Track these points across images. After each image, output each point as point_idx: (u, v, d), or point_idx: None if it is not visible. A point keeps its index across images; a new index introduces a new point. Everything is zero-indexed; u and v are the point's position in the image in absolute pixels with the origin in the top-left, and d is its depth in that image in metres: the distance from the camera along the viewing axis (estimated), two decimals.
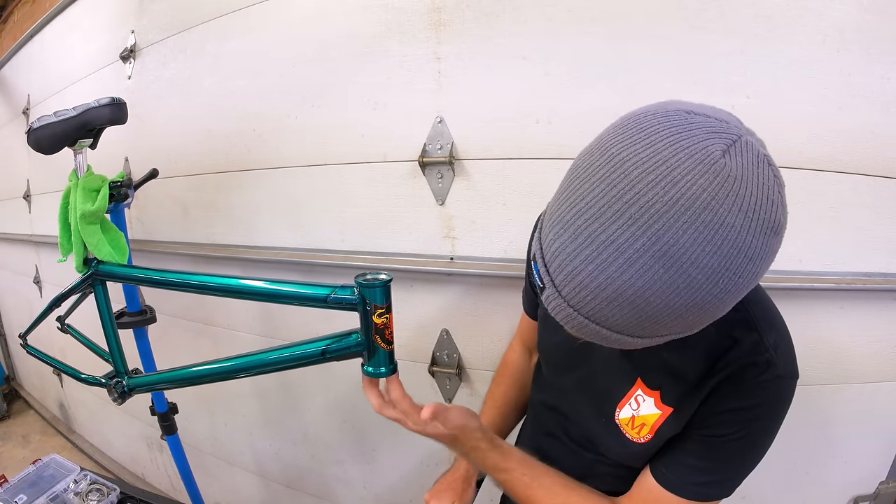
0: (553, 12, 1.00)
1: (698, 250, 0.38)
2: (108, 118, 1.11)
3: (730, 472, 0.59)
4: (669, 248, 0.38)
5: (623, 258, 0.39)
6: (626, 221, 0.39)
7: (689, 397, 0.58)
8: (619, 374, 0.65)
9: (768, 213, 0.40)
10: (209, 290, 0.95)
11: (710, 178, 0.38)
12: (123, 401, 1.18)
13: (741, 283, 0.41)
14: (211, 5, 1.42)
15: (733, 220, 0.38)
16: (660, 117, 0.42)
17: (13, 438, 2.81)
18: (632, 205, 0.39)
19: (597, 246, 0.40)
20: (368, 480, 1.51)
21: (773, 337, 0.56)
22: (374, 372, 0.75)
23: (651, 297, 0.40)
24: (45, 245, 2.36)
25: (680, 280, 0.39)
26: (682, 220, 0.38)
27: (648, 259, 0.39)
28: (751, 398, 0.55)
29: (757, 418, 0.56)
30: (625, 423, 0.64)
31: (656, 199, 0.38)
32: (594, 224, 0.40)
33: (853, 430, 1.04)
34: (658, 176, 0.38)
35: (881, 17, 0.85)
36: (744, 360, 0.55)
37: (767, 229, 0.40)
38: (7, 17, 2.55)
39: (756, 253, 0.40)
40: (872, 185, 0.91)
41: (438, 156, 1.13)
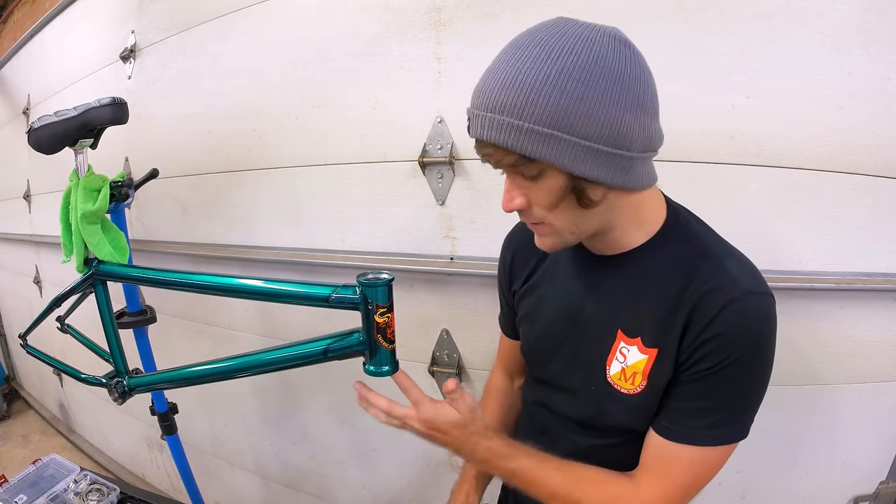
0: (553, 12, 0.99)
1: (546, 36, 0.53)
2: (108, 118, 1.11)
3: (731, 406, 0.59)
4: (528, 42, 0.53)
5: (508, 60, 0.53)
6: (508, 48, 0.55)
7: (666, 334, 0.59)
8: (600, 334, 0.66)
9: (602, 26, 0.55)
10: (209, 290, 0.96)
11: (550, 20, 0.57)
12: (124, 401, 1.18)
13: (604, 66, 0.51)
14: (211, 5, 1.42)
15: (564, 25, 0.54)
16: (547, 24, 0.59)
17: (13, 438, 2.81)
18: (512, 43, 0.55)
19: (497, 66, 0.54)
20: (368, 480, 1.51)
21: (732, 261, 0.58)
22: (376, 371, 0.75)
23: (529, 70, 0.51)
24: (45, 245, 2.36)
25: (543, 53, 0.51)
26: (531, 32, 0.55)
27: (518, 52, 0.53)
28: (725, 321, 0.56)
29: (737, 341, 0.56)
30: (617, 379, 0.64)
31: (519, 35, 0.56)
32: (495, 61, 0.56)
33: (853, 430, 1.04)
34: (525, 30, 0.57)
35: (881, 17, 0.85)
36: (707, 284, 0.57)
37: (604, 32, 0.54)
38: (7, 17, 2.55)
39: (603, 42, 0.52)
40: (872, 185, 0.91)
41: (438, 156, 1.13)
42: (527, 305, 0.78)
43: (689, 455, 0.60)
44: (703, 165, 0.96)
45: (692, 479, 0.61)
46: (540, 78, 0.50)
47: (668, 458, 0.61)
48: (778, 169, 0.93)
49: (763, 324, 0.57)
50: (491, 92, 0.53)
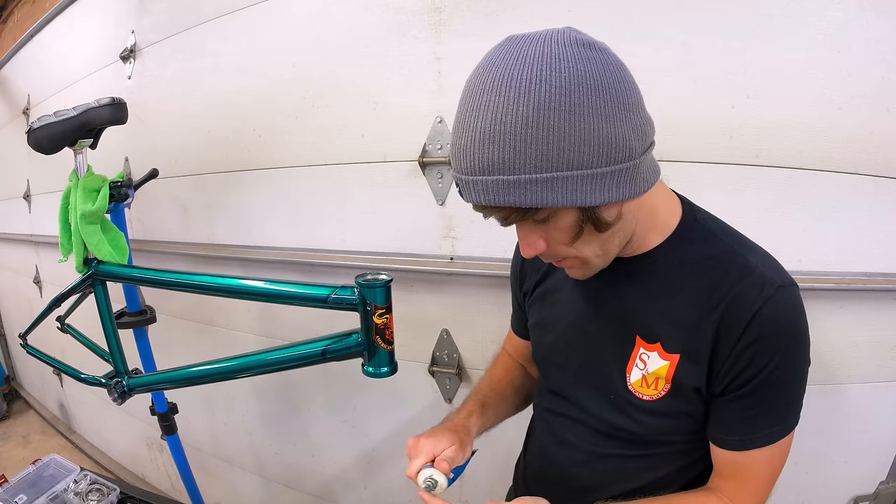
0: (553, 12, 1.00)
1: (509, 71, 0.47)
2: (108, 118, 1.11)
3: (786, 400, 0.58)
4: (491, 83, 0.47)
5: (477, 113, 0.48)
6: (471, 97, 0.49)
7: (694, 338, 0.58)
8: (618, 342, 0.64)
9: (558, 35, 0.48)
10: (209, 290, 0.96)
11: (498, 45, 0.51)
12: (123, 401, 1.18)
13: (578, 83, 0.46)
14: (211, 5, 1.42)
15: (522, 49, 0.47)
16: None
17: (13, 438, 2.81)
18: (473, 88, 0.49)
19: (467, 122, 0.49)
20: (368, 480, 1.51)
21: (755, 256, 0.57)
22: (375, 372, 0.75)
23: (502, 122, 0.46)
24: (45, 245, 2.36)
25: (512, 97, 0.46)
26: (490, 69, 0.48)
27: (485, 98, 0.47)
28: (763, 324, 0.54)
29: (780, 340, 0.55)
30: (638, 386, 0.62)
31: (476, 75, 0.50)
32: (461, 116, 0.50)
33: (853, 430, 1.03)
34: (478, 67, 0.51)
35: (881, 17, 0.85)
36: (738, 286, 0.56)
37: (564, 41, 0.48)
38: (7, 17, 2.55)
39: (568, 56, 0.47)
40: (872, 185, 0.91)
41: (438, 156, 1.13)
42: (539, 312, 0.76)
43: (764, 455, 0.60)
44: (703, 165, 0.96)
45: (773, 472, 0.62)
46: (519, 122, 0.45)
47: (747, 465, 0.61)
48: (778, 169, 0.93)
49: (798, 316, 0.56)
50: (472, 153, 0.48)
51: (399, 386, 1.33)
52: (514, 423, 1.21)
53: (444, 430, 0.72)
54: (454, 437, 0.70)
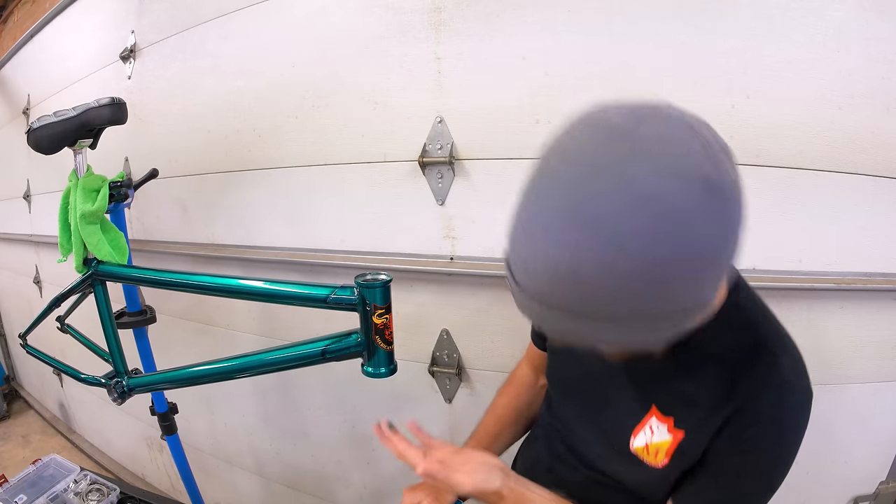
0: (553, 12, 1.00)
1: (611, 210, 0.38)
2: (107, 118, 1.11)
3: (758, 493, 0.59)
4: (584, 213, 0.39)
5: (550, 233, 0.40)
6: (547, 198, 0.41)
7: (705, 423, 0.58)
8: (633, 403, 0.63)
9: (687, 166, 0.38)
10: (209, 290, 0.96)
11: (617, 145, 0.39)
12: (123, 401, 1.18)
13: (685, 249, 0.39)
14: (211, 5, 1.42)
15: (642, 175, 0.38)
16: (587, 113, 0.45)
17: (13, 438, 2.81)
18: (550, 181, 0.42)
19: (532, 229, 0.42)
20: (368, 480, 1.51)
21: (787, 359, 0.56)
22: (374, 372, 0.75)
23: (582, 268, 0.39)
24: (45, 245, 2.36)
25: (605, 245, 0.38)
26: (590, 185, 0.39)
27: (569, 228, 0.39)
28: (769, 423, 0.55)
29: (776, 442, 0.56)
30: (640, 451, 0.63)
31: (565, 170, 0.40)
32: (528, 209, 0.43)
33: (853, 430, 1.03)
34: (567, 151, 0.42)
35: (881, 17, 0.85)
36: (761, 384, 0.55)
37: (691, 182, 0.38)
38: (7, 17, 2.55)
39: (688, 211, 0.38)
40: (872, 185, 0.91)
41: (438, 156, 1.13)
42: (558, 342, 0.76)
43: None
44: None
45: None
46: (600, 280, 0.39)
47: None
48: (778, 169, 0.93)
49: (803, 427, 0.56)
50: (535, 277, 0.42)
51: (399, 386, 1.33)
52: None
53: (426, 487, 0.77)
54: (431, 495, 0.76)
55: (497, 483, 0.64)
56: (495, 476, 0.64)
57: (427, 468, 0.63)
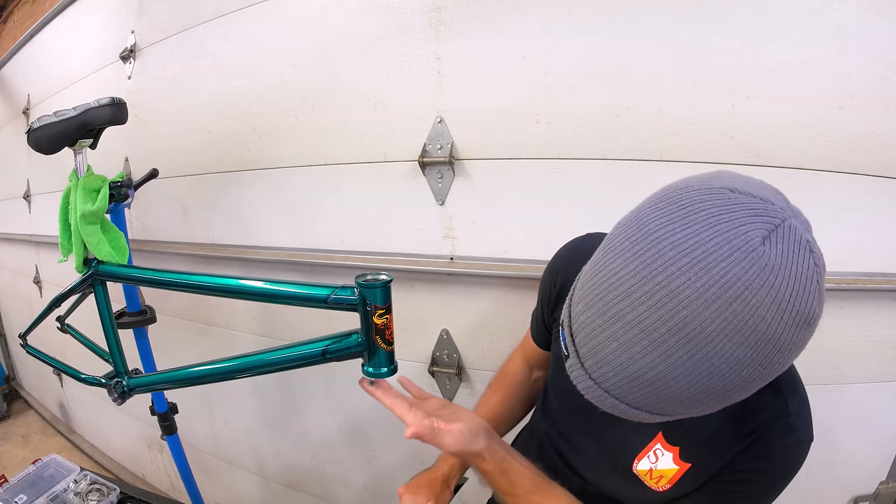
0: (553, 12, 1.00)
1: (725, 340, 0.38)
2: (107, 118, 1.11)
3: None
4: (696, 335, 0.38)
5: (648, 340, 0.39)
6: (656, 304, 0.39)
7: (711, 458, 0.59)
8: (640, 427, 0.64)
9: (803, 305, 0.38)
10: (209, 290, 0.95)
11: (746, 267, 0.37)
12: (123, 401, 1.18)
13: (766, 373, 0.40)
14: (211, 5, 1.42)
15: (765, 313, 0.37)
16: (702, 194, 0.41)
17: (13, 438, 2.81)
18: (662, 287, 0.38)
19: (623, 324, 0.40)
20: (368, 480, 1.51)
21: (796, 402, 0.57)
22: (375, 372, 0.75)
23: (672, 382, 0.40)
24: (45, 245, 2.36)
25: (703, 368, 0.38)
26: (711, 308, 0.37)
27: (673, 344, 0.38)
28: (771, 461, 0.57)
29: (771, 479, 0.58)
30: (643, 475, 0.64)
31: (688, 284, 0.38)
32: (623, 302, 0.40)
33: (853, 430, 1.03)
34: (692, 260, 0.38)
35: (881, 17, 0.85)
36: (769, 425, 0.56)
37: (801, 321, 0.38)
38: (7, 17, 2.55)
39: (785, 345, 0.39)
40: (872, 185, 0.91)
41: (438, 156, 1.13)
42: None
43: None
44: (703, 165, 0.96)
45: None
46: (680, 394, 0.40)
47: None
48: (778, 169, 0.93)
49: (796, 470, 0.58)
50: (614, 374, 0.42)
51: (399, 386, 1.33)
52: None
53: (422, 484, 0.80)
54: (429, 491, 0.78)
55: (481, 444, 0.65)
56: (480, 438, 0.65)
57: (416, 431, 0.64)
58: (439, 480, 0.82)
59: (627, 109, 0.98)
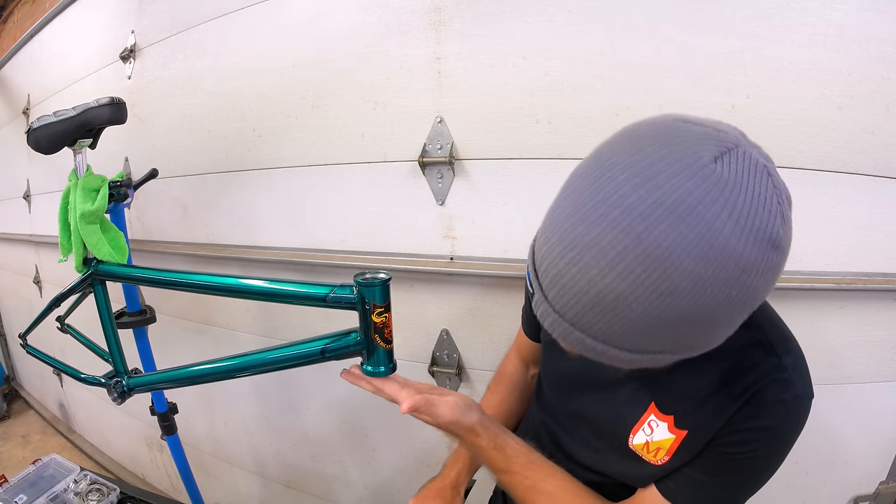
0: (553, 12, 1.00)
1: (683, 255, 0.37)
2: (107, 118, 1.11)
3: (738, 489, 0.59)
4: (653, 251, 0.38)
5: (605, 260, 0.39)
6: (610, 223, 0.39)
7: (706, 422, 0.58)
8: (632, 400, 0.63)
9: (764, 223, 0.38)
10: (209, 290, 0.95)
11: (698, 182, 0.37)
12: (123, 401, 1.18)
13: (735, 296, 0.39)
14: (211, 5, 1.42)
15: (721, 226, 0.37)
16: (654, 126, 0.42)
17: (13, 438, 2.81)
18: (616, 206, 0.39)
19: (581, 248, 0.40)
20: (368, 480, 1.51)
21: (790, 359, 0.56)
22: (374, 371, 0.75)
23: (633, 303, 0.39)
24: (45, 245, 2.36)
25: (663, 286, 0.38)
26: (666, 223, 0.37)
27: (631, 261, 0.38)
28: (768, 417, 0.55)
29: (772, 437, 0.56)
30: (640, 448, 0.63)
31: (641, 201, 0.38)
32: (580, 227, 0.40)
33: (853, 430, 1.03)
34: (644, 178, 0.38)
35: (881, 17, 0.85)
36: (762, 381, 0.55)
37: (763, 240, 0.38)
38: (7, 17, 2.55)
39: (750, 265, 0.38)
40: (872, 185, 0.91)
41: (438, 156, 1.13)
42: None
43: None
44: None
45: None
46: (643, 317, 0.39)
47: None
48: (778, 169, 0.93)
49: (797, 428, 0.57)
50: (570, 297, 0.41)
51: None
52: None
53: (432, 495, 0.80)
54: (441, 501, 0.79)
55: (475, 417, 0.66)
56: (473, 412, 0.66)
57: (412, 403, 0.64)
58: (449, 488, 0.82)
59: (627, 109, 0.98)
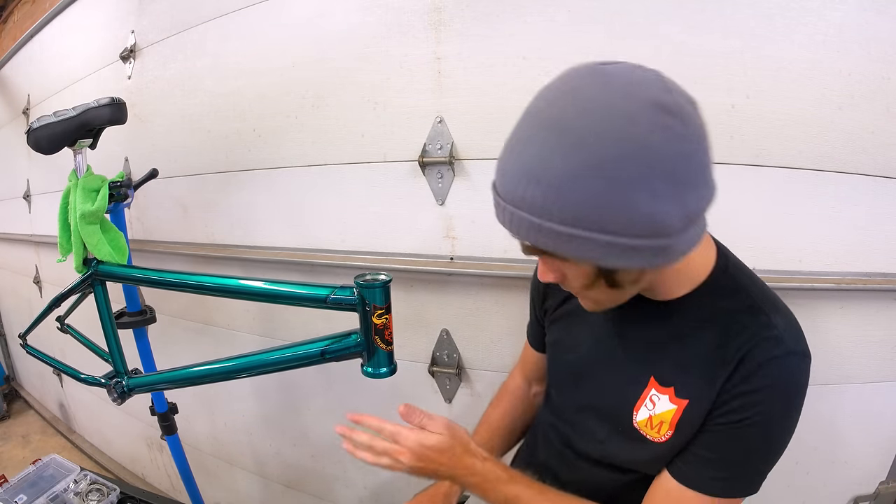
0: (553, 12, 1.00)
1: (579, 117, 0.46)
2: (107, 118, 1.11)
3: (748, 462, 0.58)
4: (554, 120, 0.47)
5: (525, 139, 0.49)
6: (528, 120, 0.50)
7: (705, 388, 0.58)
8: (632, 377, 0.64)
9: (643, 90, 0.46)
10: (209, 290, 0.96)
11: (586, 68, 0.50)
12: (123, 401, 1.18)
13: (633, 151, 0.44)
14: (211, 5, 1.42)
15: (607, 94, 0.46)
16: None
17: (13, 438, 2.81)
18: (532, 110, 0.50)
19: (516, 141, 0.50)
20: (368, 480, 1.51)
21: (779, 318, 0.57)
22: (374, 372, 0.75)
23: (550, 164, 0.46)
24: (45, 245, 2.36)
25: (569, 140, 0.45)
26: (565, 99, 0.48)
27: (543, 134, 0.47)
28: (763, 377, 0.55)
29: (771, 398, 0.55)
30: (643, 425, 0.63)
31: (544, 99, 0.50)
32: (517, 129, 0.51)
33: (853, 430, 1.03)
34: (547, 88, 0.51)
35: (881, 17, 0.85)
36: (753, 340, 0.55)
37: (643, 100, 0.45)
38: (7, 17, 2.55)
39: (635, 118, 0.45)
40: (872, 185, 0.91)
41: (438, 156, 1.13)
42: (559, 331, 0.77)
43: (698, 502, 0.59)
44: None
45: None
46: (561, 174, 0.45)
47: (676, 502, 0.60)
48: (778, 169, 0.93)
49: (797, 387, 0.56)
50: (511, 181, 0.49)
51: (399, 386, 1.33)
52: None
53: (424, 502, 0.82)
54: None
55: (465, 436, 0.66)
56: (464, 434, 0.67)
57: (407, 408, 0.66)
58: (440, 497, 0.83)
59: None
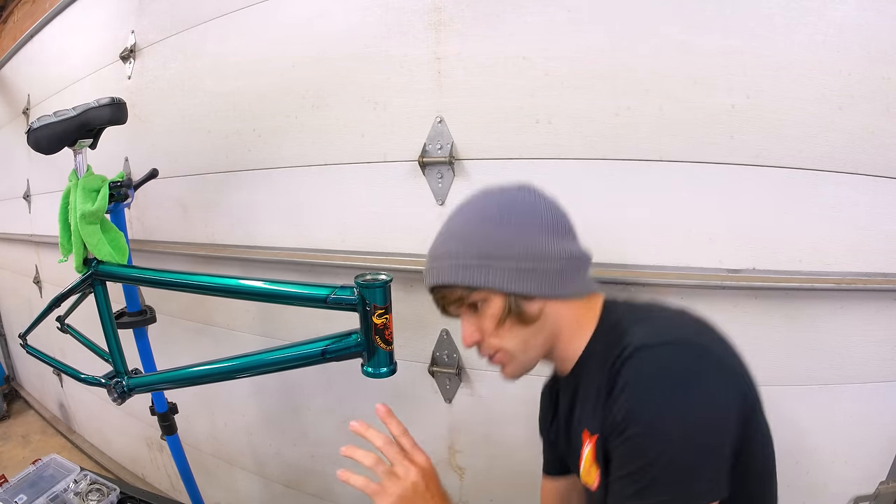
0: (553, 12, 1.00)
1: (471, 204, 0.69)
2: (107, 118, 1.11)
3: (657, 464, 0.52)
4: (457, 210, 0.69)
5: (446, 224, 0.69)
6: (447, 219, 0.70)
7: (599, 416, 0.61)
8: (576, 442, 0.68)
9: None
10: (209, 290, 0.96)
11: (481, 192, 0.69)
12: (123, 401, 1.18)
13: (506, 217, 0.64)
14: (211, 5, 1.42)
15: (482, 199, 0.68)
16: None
17: (13, 438, 2.81)
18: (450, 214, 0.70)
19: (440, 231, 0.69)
20: None
21: (639, 327, 0.60)
22: (374, 372, 0.75)
23: (454, 228, 0.67)
24: (45, 245, 2.36)
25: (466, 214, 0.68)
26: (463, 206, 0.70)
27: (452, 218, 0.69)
28: (623, 382, 0.55)
29: (635, 397, 0.54)
30: (584, 476, 0.66)
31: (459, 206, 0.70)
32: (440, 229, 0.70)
33: (853, 430, 1.03)
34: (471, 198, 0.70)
35: (881, 17, 0.85)
36: (620, 360, 0.57)
37: (515, 188, 0.68)
38: (7, 17, 2.55)
39: (507, 192, 0.67)
40: (872, 185, 0.91)
41: (438, 156, 1.13)
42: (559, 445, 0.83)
43: None
44: (703, 165, 0.96)
45: None
46: (468, 228, 0.65)
47: None
48: (778, 169, 0.93)
49: (666, 371, 0.53)
50: (436, 247, 0.68)
51: (399, 386, 1.33)
52: (511, 421, 1.22)
53: None
54: None
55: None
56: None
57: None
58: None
59: (627, 109, 0.98)
